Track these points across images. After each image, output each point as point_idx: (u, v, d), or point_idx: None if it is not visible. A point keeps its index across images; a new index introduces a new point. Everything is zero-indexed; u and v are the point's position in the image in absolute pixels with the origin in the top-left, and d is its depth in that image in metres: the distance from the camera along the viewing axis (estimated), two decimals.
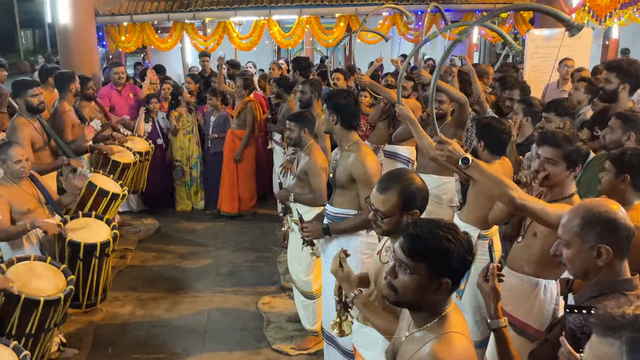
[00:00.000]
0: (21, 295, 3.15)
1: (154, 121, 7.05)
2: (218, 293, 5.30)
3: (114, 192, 4.87)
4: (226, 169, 7.02)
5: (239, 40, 9.00)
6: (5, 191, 3.80)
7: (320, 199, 4.01)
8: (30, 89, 4.76)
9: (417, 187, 2.34)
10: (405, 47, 11.55)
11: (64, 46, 7.47)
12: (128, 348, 4.42)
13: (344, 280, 2.41)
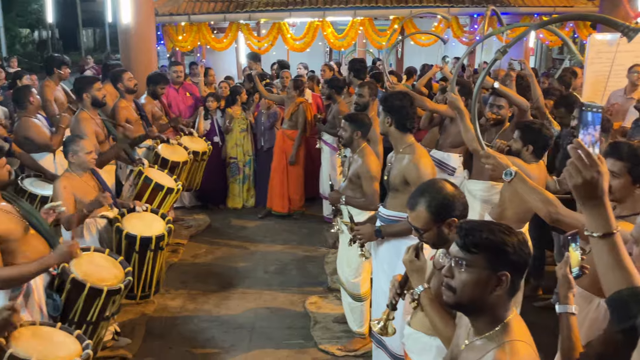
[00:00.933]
0: (86, 283, 3.26)
1: (213, 119, 7.19)
2: (266, 291, 5.35)
3: (169, 187, 4.99)
4: (276, 169, 7.08)
5: (292, 41, 9.08)
6: (69, 182, 3.94)
7: (372, 203, 3.99)
8: (94, 84, 4.93)
9: (446, 196, 2.33)
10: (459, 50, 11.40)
11: (125, 45, 7.70)
12: (178, 340, 4.51)
13: (417, 271, 2.39)
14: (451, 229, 2.33)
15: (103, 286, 3.33)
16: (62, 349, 2.65)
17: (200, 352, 4.35)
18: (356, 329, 4.39)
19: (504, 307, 1.70)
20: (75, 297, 3.29)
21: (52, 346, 2.64)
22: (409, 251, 2.42)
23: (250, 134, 7.41)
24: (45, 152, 5.13)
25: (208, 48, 10.57)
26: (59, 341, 2.72)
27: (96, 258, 3.63)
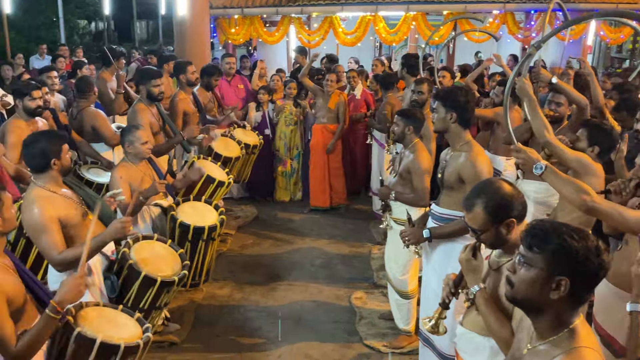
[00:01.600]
0: (142, 271, 3.35)
1: (264, 112, 7.27)
2: (312, 284, 5.39)
3: (220, 180, 5.06)
4: (317, 164, 7.09)
5: (343, 35, 9.06)
6: (125, 172, 4.04)
7: (422, 199, 3.96)
8: (154, 79, 5.04)
9: (504, 196, 2.30)
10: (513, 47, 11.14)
11: (180, 37, 7.86)
12: (226, 329, 4.60)
13: (473, 270, 2.37)
14: (510, 230, 2.29)
15: (157, 276, 3.40)
16: (125, 331, 2.73)
17: (247, 341, 4.42)
18: (402, 326, 4.37)
19: (568, 312, 1.66)
20: (131, 283, 3.39)
21: (116, 327, 2.72)
22: (466, 250, 2.40)
23: (300, 128, 7.44)
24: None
25: (259, 41, 10.69)
26: (122, 323, 2.80)
27: (157, 247, 3.71)
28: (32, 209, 3.00)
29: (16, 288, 2.41)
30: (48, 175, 3.13)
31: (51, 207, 3.04)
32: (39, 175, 3.14)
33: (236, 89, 7.40)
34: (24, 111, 4.64)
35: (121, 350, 2.54)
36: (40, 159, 3.11)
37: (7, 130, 4.53)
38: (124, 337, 2.64)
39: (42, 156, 3.10)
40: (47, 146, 3.11)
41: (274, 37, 9.12)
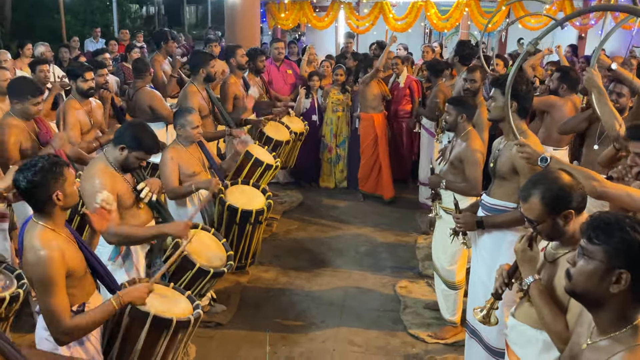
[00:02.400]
0: (196, 263, 3.41)
1: (313, 98, 7.26)
2: (356, 271, 5.38)
3: (268, 163, 5.10)
4: (367, 150, 7.04)
5: (393, 21, 8.94)
6: (175, 154, 4.10)
7: (474, 188, 3.88)
8: (211, 61, 5.11)
9: (563, 187, 2.22)
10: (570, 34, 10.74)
11: (231, 21, 7.90)
12: (271, 312, 4.65)
13: (529, 261, 2.32)
14: (567, 222, 2.22)
15: (210, 268, 3.47)
16: (176, 306, 2.80)
17: (291, 325, 4.46)
18: (448, 317, 4.32)
19: (631, 307, 1.60)
20: (183, 272, 3.45)
21: (168, 303, 2.80)
22: (522, 240, 2.34)
23: (347, 115, 7.40)
24: (161, 122, 5.39)
25: (308, 26, 10.65)
26: (173, 299, 2.87)
27: (204, 237, 3.76)
28: (93, 178, 3.11)
29: (77, 260, 2.49)
30: (119, 155, 3.21)
31: (111, 183, 3.15)
32: (111, 151, 3.23)
33: (284, 75, 7.41)
34: (78, 92, 4.77)
35: (173, 324, 2.60)
36: (119, 141, 3.20)
37: (65, 111, 4.66)
38: (175, 312, 2.71)
39: (124, 138, 3.20)
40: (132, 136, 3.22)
41: (323, 23, 9.06)
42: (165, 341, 2.63)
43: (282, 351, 4.12)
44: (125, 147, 3.20)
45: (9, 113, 4.07)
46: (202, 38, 23.93)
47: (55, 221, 2.47)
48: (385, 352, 4.13)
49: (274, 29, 10.48)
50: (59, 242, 2.41)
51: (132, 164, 3.25)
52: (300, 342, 4.23)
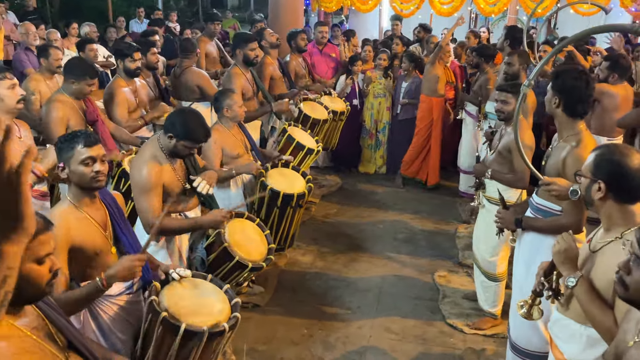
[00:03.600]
0: (235, 256, 3.39)
1: (354, 82, 7.19)
2: (394, 258, 5.34)
3: (309, 147, 5.07)
4: (437, 138, 6.93)
5: (439, 5, 8.75)
6: (219, 136, 4.09)
7: (520, 180, 3.74)
8: (250, 43, 5.10)
9: (621, 162, 2.13)
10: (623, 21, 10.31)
11: (274, 4, 7.87)
12: (307, 295, 4.66)
13: (569, 260, 2.26)
14: (600, 194, 2.18)
15: (248, 262, 3.44)
16: (210, 310, 2.66)
17: (327, 310, 4.46)
18: (488, 308, 4.24)
19: None
20: (221, 263, 3.45)
21: (203, 305, 2.68)
22: (562, 240, 2.29)
23: (389, 100, 7.30)
24: (207, 101, 5.42)
25: (352, 9, 10.54)
26: (209, 300, 2.73)
27: (247, 228, 3.71)
28: (143, 168, 3.12)
29: (91, 239, 2.48)
30: (168, 143, 3.19)
31: (160, 172, 3.16)
32: (162, 137, 3.22)
33: (327, 58, 7.34)
34: (124, 71, 4.82)
35: (205, 335, 2.49)
36: (173, 129, 3.16)
37: (112, 90, 4.73)
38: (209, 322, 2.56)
39: (173, 129, 3.16)
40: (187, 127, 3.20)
41: (367, 5, 8.94)
42: (199, 350, 2.54)
43: (319, 335, 4.13)
44: (174, 135, 3.16)
45: (60, 90, 4.15)
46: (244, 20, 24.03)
47: (78, 198, 2.51)
48: (422, 341, 4.10)
49: (317, 12, 10.42)
50: (69, 219, 2.43)
51: (181, 152, 3.23)
52: (337, 327, 4.23)
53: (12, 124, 3.43)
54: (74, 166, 2.48)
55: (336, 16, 12.52)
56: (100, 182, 2.52)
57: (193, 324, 2.49)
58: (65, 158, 2.50)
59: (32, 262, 1.58)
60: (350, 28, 9.30)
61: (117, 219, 2.64)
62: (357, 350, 3.99)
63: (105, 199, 2.65)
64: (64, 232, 2.37)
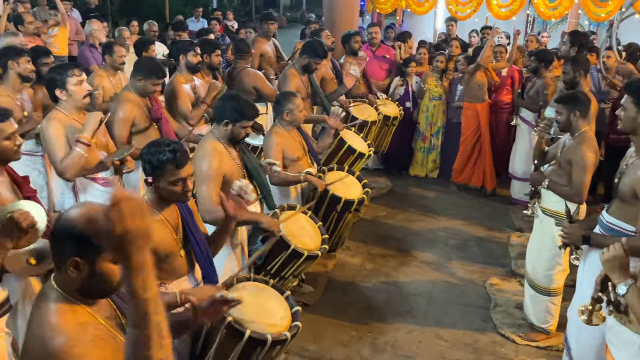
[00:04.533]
0: (291, 245, 3.46)
1: (408, 84, 7.15)
2: (445, 263, 5.29)
3: (360, 151, 5.09)
4: (470, 142, 6.86)
5: (497, 8, 8.56)
6: (280, 139, 4.15)
7: (577, 195, 3.61)
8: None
9: None
10: None
11: (330, 4, 7.89)
12: (356, 297, 4.67)
13: (619, 268, 2.22)
14: None
15: (304, 251, 3.50)
16: (273, 317, 2.70)
17: (377, 312, 4.46)
18: (537, 323, 4.12)
19: None
20: (278, 253, 3.52)
21: (264, 312, 2.72)
22: (611, 249, 2.25)
23: (444, 104, 7.22)
24: (263, 102, 5.50)
25: (407, 11, 10.46)
26: (271, 307, 2.77)
27: (301, 219, 3.80)
28: (205, 159, 3.24)
29: (163, 241, 2.55)
30: (224, 131, 3.35)
31: (221, 162, 3.28)
32: (216, 129, 3.38)
33: (380, 60, 7.33)
34: (186, 67, 4.93)
35: (268, 343, 2.54)
36: (221, 115, 3.34)
37: (174, 86, 4.85)
38: (273, 327, 2.63)
39: (222, 114, 3.33)
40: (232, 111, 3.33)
41: (423, 8, 8.85)
42: (261, 356, 2.60)
43: (367, 337, 4.13)
44: (229, 121, 3.32)
45: (126, 87, 4.29)
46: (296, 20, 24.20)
47: (158, 203, 2.58)
48: (472, 350, 4.04)
49: (372, 13, 10.40)
50: None
51: (239, 135, 3.38)
52: (386, 331, 4.23)
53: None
54: (163, 184, 2.52)
55: (390, 17, 12.45)
56: (188, 197, 2.59)
57: (257, 332, 2.53)
58: (155, 175, 2.52)
59: (110, 262, 1.65)
60: (404, 30, 9.21)
61: (188, 221, 2.70)
62: (406, 355, 3.98)
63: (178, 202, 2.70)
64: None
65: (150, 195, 2.59)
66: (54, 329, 1.58)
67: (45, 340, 1.57)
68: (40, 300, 1.68)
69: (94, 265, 1.62)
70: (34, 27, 6.52)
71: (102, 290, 1.70)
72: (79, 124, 3.53)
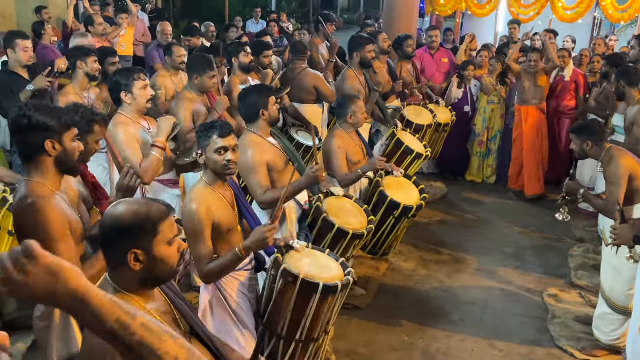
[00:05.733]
0: (335, 224, 3.53)
1: (467, 88, 7.02)
2: (500, 272, 5.16)
3: (418, 152, 5.02)
4: (531, 148, 6.68)
5: (562, 10, 8.31)
6: (341, 141, 4.16)
7: (609, 210, 3.53)
8: (367, 45, 5.14)
9: None
10: None
11: (389, 6, 7.85)
12: (408, 301, 4.61)
13: None
14: None
15: (349, 229, 3.57)
16: (326, 271, 2.92)
17: (429, 318, 4.39)
18: (605, 340, 3.93)
19: None
20: (324, 234, 3.59)
21: (319, 268, 2.94)
22: None
23: (502, 108, 7.05)
24: (320, 104, 5.52)
25: (466, 13, 10.28)
26: (325, 263, 3.01)
27: (345, 203, 3.89)
28: (246, 151, 3.36)
29: (224, 216, 2.77)
30: (258, 123, 3.48)
31: (261, 151, 3.39)
32: (251, 124, 3.51)
33: (439, 63, 7.23)
34: (239, 67, 5.01)
35: (320, 288, 2.74)
36: (252, 109, 3.47)
37: (230, 88, 4.94)
38: (324, 276, 2.85)
39: (253, 106, 3.46)
40: (257, 98, 3.46)
41: (484, 10, 8.68)
42: (314, 305, 2.78)
43: (419, 343, 4.08)
44: (264, 110, 3.44)
45: (186, 87, 4.39)
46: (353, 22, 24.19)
47: (213, 180, 2.82)
48: None
49: (430, 15, 10.27)
50: (208, 198, 2.74)
51: (275, 117, 3.52)
52: (438, 337, 4.16)
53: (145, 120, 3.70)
54: (209, 154, 2.76)
55: (449, 19, 12.26)
56: (231, 170, 2.80)
57: (309, 276, 2.78)
58: (203, 146, 2.79)
59: (165, 245, 1.69)
60: (465, 32, 9.05)
61: (241, 198, 2.94)
62: None
63: (230, 181, 2.97)
64: (206, 209, 2.70)
65: (207, 176, 2.83)
66: None
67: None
68: None
69: (152, 252, 1.68)
70: (102, 28, 6.77)
71: (166, 273, 1.75)
72: (141, 127, 3.62)
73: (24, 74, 4.71)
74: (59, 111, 2.38)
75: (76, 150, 2.40)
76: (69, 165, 2.39)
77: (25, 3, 10.08)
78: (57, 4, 10.25)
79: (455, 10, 9.81)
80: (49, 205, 2.25)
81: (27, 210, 2.23)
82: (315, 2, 28.00)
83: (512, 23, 8.26)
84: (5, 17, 9.22)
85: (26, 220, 2.25)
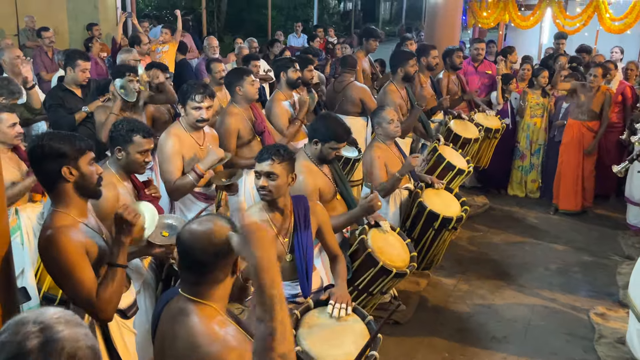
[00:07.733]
0: (379, 262, 3.45)
1: (507, 101, 6.94)
2: (545, 289, 5.05)
3: (460, 168, 4.99)
4: (570, 163, 6.54)
5: (609, 21, 8.11)
6: (381, 153, 4.20)
7: None
8: (411, 60, 5.16)
9: None
10: None
11: (431, 19, 7.84)
12: (450, 318, 4.57)
13: None
14: None
15: (393, 268, 3.48)
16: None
17: (471, 335, 4.34)
18: None
19: None
20: (366, 269, 3.51)
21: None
22: None
23: (546, 121, 6.94)
24: (365, 117, 5.56)
25: (510, 25, 10.17)
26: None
27: (389, 236, 3.77)
28: (299, 176, 3.30)
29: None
30: (314, 149, 3.49)
31: (313, 179, 3.40)
32: (308, 146, 3.52)
33: (482, 75, 7.17)
34: (287, 83, 5.05)
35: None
36: (313, 133, 3.50)
37: (273, 103, 5.01)
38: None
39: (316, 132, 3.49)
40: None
41: (528, 22, 8.56)
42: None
43: None
44: (318, 140, 3.43)
45: (231, 101, 4.47)
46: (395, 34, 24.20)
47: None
48: None
49: (473, 28, 10.20)
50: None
51: (327, 155, 3.48)
52: (480, 355, 4.10)
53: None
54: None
55: (492, 31, 12.15)
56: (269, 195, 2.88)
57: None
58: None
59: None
60: (508, 45, 8.94)
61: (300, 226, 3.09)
62: None
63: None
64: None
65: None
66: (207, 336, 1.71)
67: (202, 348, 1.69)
68: (179, 314, 1.79)
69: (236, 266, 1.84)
70: (147, 47, 7.01)
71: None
72: (194, 142, 3.71)
73: (77, 92, 4.90)
74: (73, 137, 2.37)
75: (94, 174, 2.39)
76: (89, 189, 2.39)
77: (78, 20, 10.52)
78: (107, 21, 10.65)
79: (499, 22, 9.73)
80: (65, 237, 2.26)
81: (47, 241, 2.26)
82: (357, 15, 28.17)
83: (560, 38, 8.11)
84: (58, 33, 9.60)
85: (47, 251, 2.28)
